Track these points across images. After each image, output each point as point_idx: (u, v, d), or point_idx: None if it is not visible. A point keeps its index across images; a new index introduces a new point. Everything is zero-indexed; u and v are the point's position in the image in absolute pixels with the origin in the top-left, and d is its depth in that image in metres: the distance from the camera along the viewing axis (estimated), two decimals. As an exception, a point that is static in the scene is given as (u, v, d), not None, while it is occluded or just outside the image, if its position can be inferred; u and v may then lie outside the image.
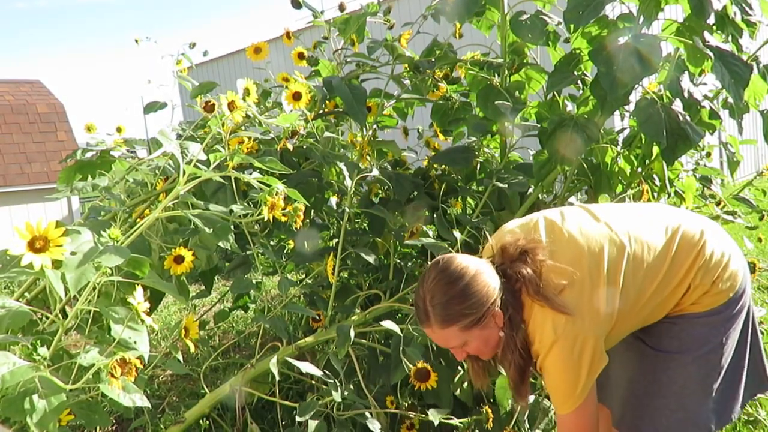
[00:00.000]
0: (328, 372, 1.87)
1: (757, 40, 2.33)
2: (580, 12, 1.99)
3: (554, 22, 2.35)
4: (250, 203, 1.69)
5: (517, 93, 2.42)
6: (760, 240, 3.46)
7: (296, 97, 2.00)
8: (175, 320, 4.30)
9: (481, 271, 1.36)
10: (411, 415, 1.93)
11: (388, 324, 1.83)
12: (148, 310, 1.30)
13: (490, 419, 1.89)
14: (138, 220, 2.00)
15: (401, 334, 1.85)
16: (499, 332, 1.38)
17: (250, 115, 1.76)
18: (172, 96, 2.51)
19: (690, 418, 1.44)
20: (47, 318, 1.52)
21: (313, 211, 2.36)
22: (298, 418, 1.72)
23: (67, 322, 1.33)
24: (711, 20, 2.13)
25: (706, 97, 2.38)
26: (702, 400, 1.44)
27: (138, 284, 1.29)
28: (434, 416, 1.81)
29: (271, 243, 2.39)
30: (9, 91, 8.18)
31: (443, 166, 2.65)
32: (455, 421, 1.82)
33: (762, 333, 2.78)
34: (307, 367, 1.78)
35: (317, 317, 2.23)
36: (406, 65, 2.52)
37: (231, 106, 1.55)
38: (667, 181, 2.42)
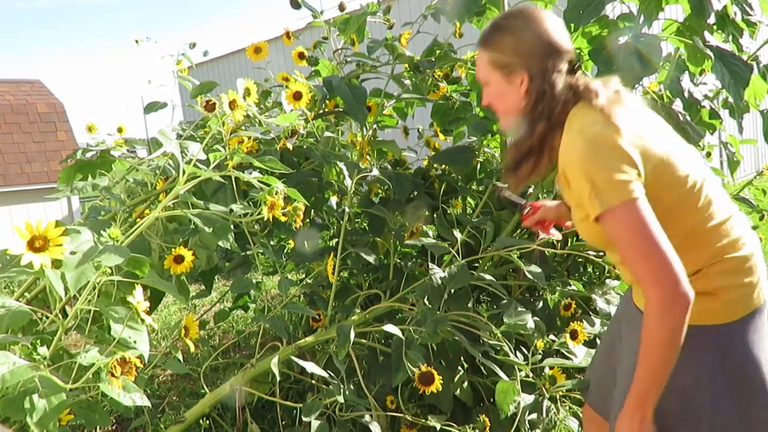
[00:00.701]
0: (329, 372, 1.87)
1: (757, 39, 2.33)
2: (580, 11, 1.99)
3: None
4: (250, 203, 1.69)
5: (517, 93, 2.42)
6: (760, 240, 3.46)
7: (297, 96, 2.00)
8: (175, 320, 4.30)
9: (560, 41, 1.29)
10: (409, 419, 1.92)
11: (389, 327, 1.83)
12: (148, 310, 1.29)
13: (487, 428, 1.89)
14: (138, 219, 2.00)
15: (403, 337, 1.85)
16: (520, 102, 1.33)
17: (250, 114, 1.76)
18: (172, 96, 2.51)
19: None
20: (47, 318, 1.52)
21: (313, 210, 2.36)
22: (303, 419, 1.72)
23: (67, 321, 1.33)
24: (711, 20, 2.13)
25: (706, 96, 2.38)
26: None
27: (138, 284, 1.29)
28: (434, 421, 1.81)
29: (271, 243, 2.38)
30: (9, 90, 8.18)
31: (443, 166, 2.65)
32: (455, 430, 1.82)
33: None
34: (310, 366, 1.78)
35: (317, 317, 2.23)
36: (407, 65, 2.52)
37: (232, 105, 1.55)
38: (667, 181, 2.42)
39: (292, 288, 2.19)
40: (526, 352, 2.05)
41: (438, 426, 1.80)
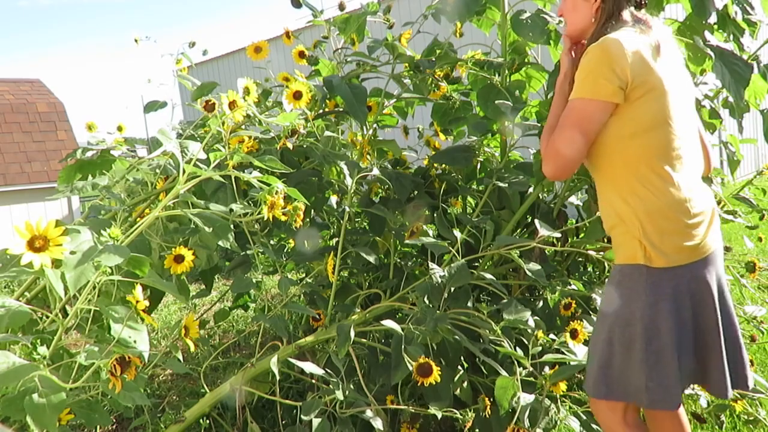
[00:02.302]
0: (329, 371, 1.87)
1: (757, 39, 2.33)
2: (580, 11, 1.98)
3: (555, 21, 2.35)
4: (250, 202, 1.69)
5: (517, 92, 2.42)
6: (760, 239, 3.45)
7: (297, 96, 2.00)
8: (175, 319, 4.31)
9: None
10: (412, 410, 1.92)
11: (389, 323, 1.83)
12: (148, 309, 1.30)
13: (488, 407, 1.89)
14: (138, 219, 2.00)
15: (402, 333, 1.85)
16: (590, 18, 1.55)
17: (250, 114, 1.76)
18: (172, 95, 2.51)
19: (589, 372, 1.57)
20: (47, 317, 1.52)
21: (313, 210, 2.36)
22: (303, 417, 1.72)
23: (67, 321, 1.33)
24: (712, 19, 2.13)
25: (706, 96, 2.38)
26: (597, 364, 1.54)
27: (138, 283, 1.29)
28: (435, 409, 1.81)
29: (271, 242, 2.38)
30: (9, 90, 8.18)
31: (443, 166, 2.65)
32: (455, 414, 1.82)
33: (762, 332, 2.78)
34: (309, 366, 1.78)
35: (317, 316, 2.23)
36: (407, 64, 2.51)
37: (232, 105, 1.55)
38: (667, 181, 2.41)
39: (292, 287, 2.20)
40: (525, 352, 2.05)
41: (439, 415, 1.80)
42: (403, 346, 1.86)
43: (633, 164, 1.46)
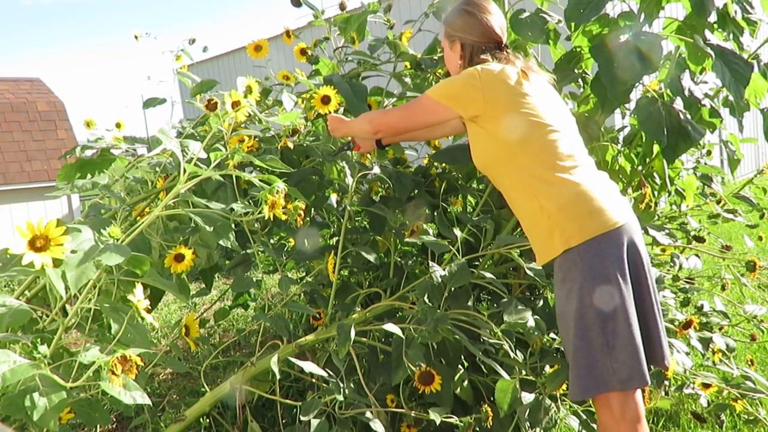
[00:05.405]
0: (329, 371, 1.87)
1: (757, 38, 2.33)
2: (581, 10, 1.99)
3: (555, 20, 2.35)
4: (251, 201, 1.69)
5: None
6: (760, 238, 3.45)
7: (325, 100, 2.03)
8: (175, 318, 4.31)
9: (492, 28, 1.79)
10: (412, 414, 1.92)
11: (389, 327, 1.83)
12: (149, 308, 1.30)
13: (490, 417, 1.89)
14: (138, 218, 2.00)
15: (403, 336, 1.85)
16: (457, 63, 1.83)
17: (250, 113, 1.76)
18: (172, 93, 2.51)
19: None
20: (47, 316, 1.52)
21: (313, 209, 2.36)
22: (302, 417, 1.72)
23: (67, 320, 1.33)
24: (712, 18, 2.13)
25: (706, 95, 2.38)
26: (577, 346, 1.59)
27: (138, 282, 1.29)
28: (435, 415, 1.81)
29: (272, 241, 2.38)
30: (9, 89, 8.17)
31: (444, 165, 2.65)
32: (455, 420, 1.82)
33: (762, 331, 2.78)
34: (309, 366, 1.78)
35: (318, 315, 2.23)
36: (407, 63, 2.51)
37: (235, 105, 1.55)
38: (667, 180, 2.42)
39: (292, 286, 2.19)
40: (526, 351, 2.05)
41: (438, 420, 1.80)
42: (404, 349, 1.86)
43: (530, 168, 1.63)
